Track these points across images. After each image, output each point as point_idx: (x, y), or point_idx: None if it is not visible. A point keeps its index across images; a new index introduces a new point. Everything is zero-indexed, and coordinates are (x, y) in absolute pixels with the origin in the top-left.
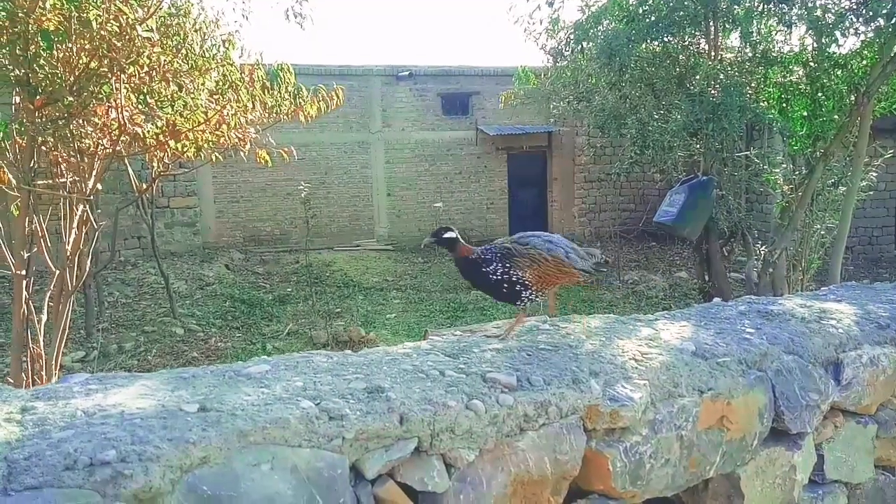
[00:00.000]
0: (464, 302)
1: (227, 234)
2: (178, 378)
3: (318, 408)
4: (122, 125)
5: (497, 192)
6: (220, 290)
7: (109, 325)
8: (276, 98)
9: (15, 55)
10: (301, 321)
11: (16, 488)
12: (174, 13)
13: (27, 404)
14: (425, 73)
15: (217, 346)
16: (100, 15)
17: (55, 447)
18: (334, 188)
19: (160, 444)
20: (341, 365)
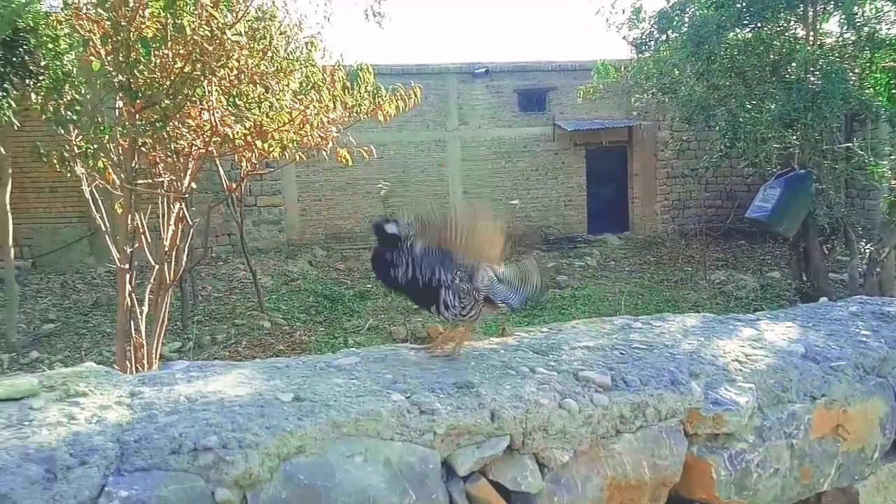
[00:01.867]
0: (541, 300)
1: (309, 232)
2: (273, 368)
3: (408, 401)
4: (214, 126)
5: (575, 189)
6: (304, 285)
7: (203, 318)
8: (356, 98)
9: (118, 62)
10: (380, 317)
11: (127, 469)
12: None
13: (135, 389)
14: (501, 70)
15: (301, 340)
16: (193, 21)
17: (162, 431)
18: (412, 186)
19: (259, 432)
20: (429, 359)
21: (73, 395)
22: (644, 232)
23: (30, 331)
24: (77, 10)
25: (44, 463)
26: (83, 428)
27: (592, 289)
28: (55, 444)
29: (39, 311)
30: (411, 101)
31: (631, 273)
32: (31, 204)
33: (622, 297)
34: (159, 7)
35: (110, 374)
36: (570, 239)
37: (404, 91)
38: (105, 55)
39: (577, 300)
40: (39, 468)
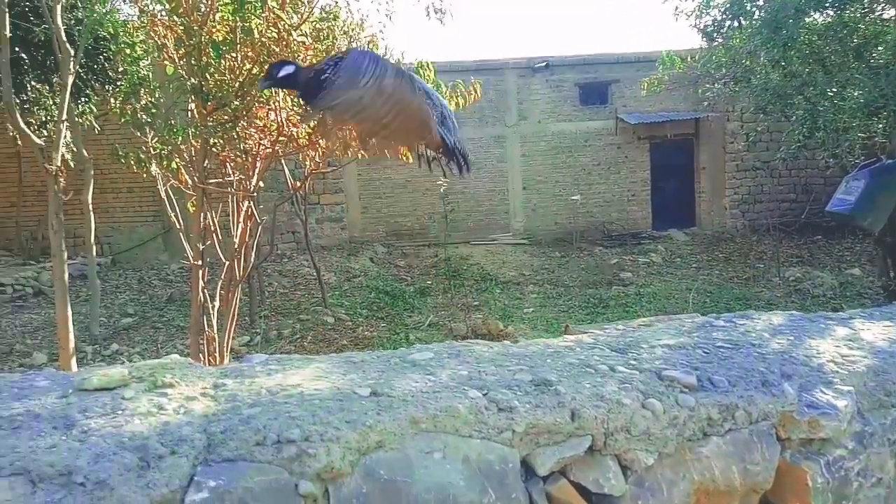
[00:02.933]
0: (605, 298)
1: (370, 229)
2: (349, 362)
3: (486, 398)
4: (281, 126)
5: (639, 184)
6: (366, 282)
7: (269, 313)
8: None
9: (191, 66)
10: (441, 313)
11: (214, 459)
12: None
13: (218, 381)
14: (562, 64)
15: (364, 335)
16: (260, 23)
17: (246, 423)
18: (471, 183)
19: (339, 426)
20: (503, 355)
21: (160, 385)
22: (712, 227)
23: (110, 324)
24: (153, 17)
25: (137, 451)
26: (172, 418)
27: (658, 286)
28: (147, 434)
29: (118, 305)
30: (471, 97)
31: (698, 270)
32: (110, 203)
33: (690, 294)
34: (228, 11)
35: (194, 366)
36: (634, 235)
37: (464, 87)
38: (178, 59)
39: (641, 297)
40: (133, 456)
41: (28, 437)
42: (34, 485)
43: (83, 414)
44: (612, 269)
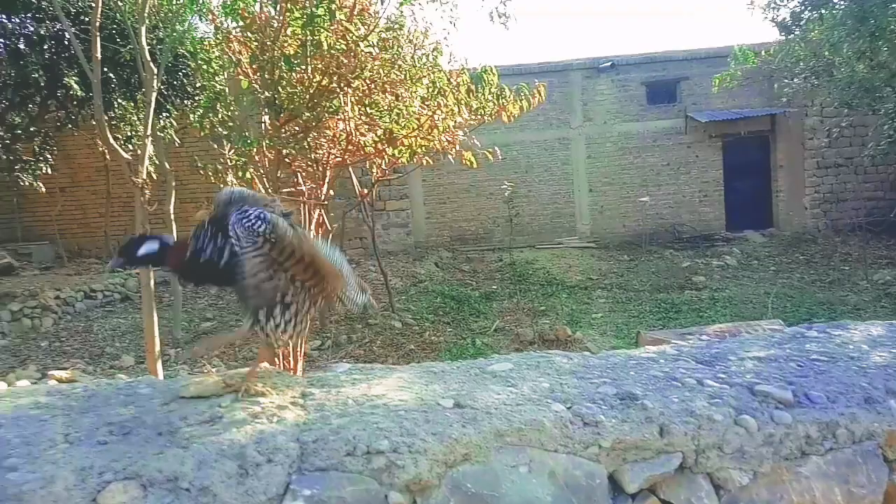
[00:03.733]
0: (677, 303)
1: (435, 234)
2: (429, 372)
3: (570, 412)
4: (349, 135)
5: (711, 184)
6: (431, 286)
7: (339, 318)
8: (480, 100)
9: (264, 80)
10: (507, 318)
11: (308, 468)
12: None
13: (306, 390)
14: (628, 63)
15: (431, 340)
16: (329, 36)
17: (336, 433)
18: (535, 186)
19: (426, 438)
20: (584, 367)
21: (253, 395)
22: (790, 228)
23: (191, 328)
24: (228, 34)
25: (236, 459)
26: (266, 427)
27: (733, 290)
28: (245, 442)
29: (198, 310)
30: (535, 99)
31: (777, 273)
32: (189, 213)
33: (769, 299)
34: (298, 26)
35: (282, 375)
36: (707, 237)
37: (528, 90)
38: (252, 74)
39: (716, 302)
40: (233, 464)
41: (137, 443)
42: (145, 489)
43: (184, 421)
44: (684, 273)
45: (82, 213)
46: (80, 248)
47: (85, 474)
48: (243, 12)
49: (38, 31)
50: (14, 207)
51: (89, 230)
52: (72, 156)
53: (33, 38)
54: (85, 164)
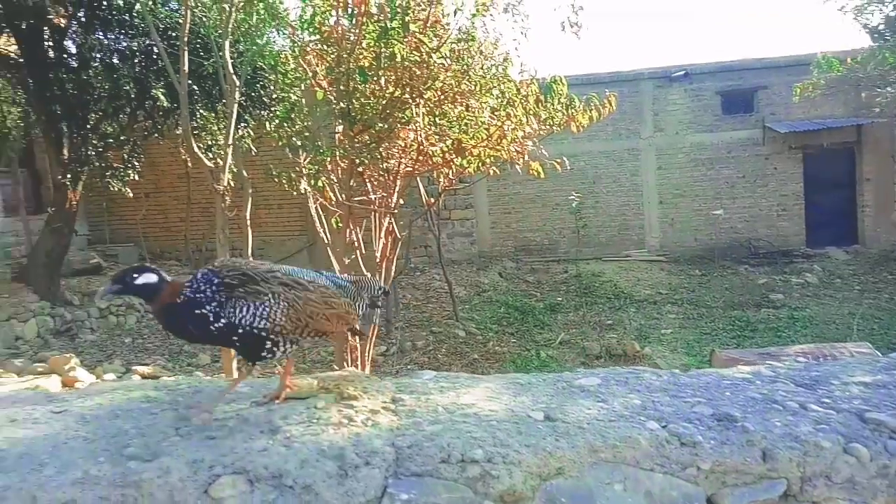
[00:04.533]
0: (752, 321)
1: (499, 244)
2: (515, 384)
3: (665, 431)
4: (420, 145)
5: (790, 197)
6: (495, 296)
7: (404, 325)
8: (548, 110)
9: (339, 91)
10: (572, 331)
11: (403, 473)
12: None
13: (396, 395)
14: (702, 72)
15: (494, 350)
16: (403, 48)
17: (430, 440)
18: (602, 197)
19: (519, 450)
20: (675, 385)
21: (346, 397)
22: (877, 245)
23: None
24: (304, 47)
25: (336, 460)
26: (362, 430)
27: (814, 310)
28: (343, 444)
29: None
30: (606, 109)
31: (862, 293)
32: (263, 219)
33: (854, 320)
34: (373, 38)
35: (370, 380)
36: (785, 253)
37: (598, 100)
38: (328, 86)
39: (795, 322)
40: (333, 464)
41: (242, 440)
42: (252, 484)
43: (284, 420)
44: (760, 290)
45: (164, 217)
46: (162, 250)
47: (196, 467)
48: (320, 26)
49: (130, 47)
50: (103, 211)
51: (170, 234)
52: (156, 163)
53: (126, 53)
54: (168, 172)
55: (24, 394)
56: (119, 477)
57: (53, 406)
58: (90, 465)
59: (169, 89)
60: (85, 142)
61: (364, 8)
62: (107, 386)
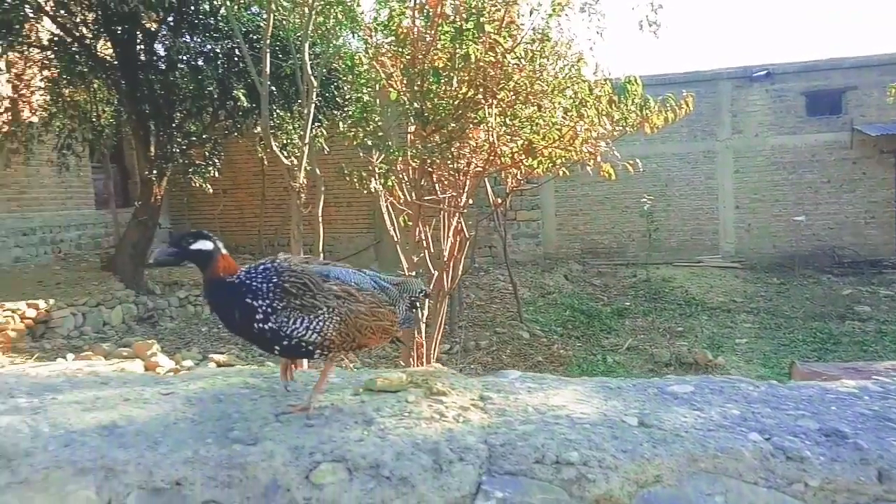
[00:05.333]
0: (835, 334)
1: (566, 246)
2: (604, 387)
3: (769, 443)
4: (492, 145)
5: (880, 204)
6: (560, 299)
7: (467, 324)
8: (622, 111)
9: (413, 91)
10: (640, 337)
11: (497, 471)
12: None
13: (483, 393)
14: (785, 72)
15: (559, 353)
16: (477, 48)
17: (523, 439)
18: (675, 200)
19: (616, 454)
20: (774, 397)
21: (435, 393)
22: None
23: None
24: (378, 49)
25: (430, 454)
26: (454, 426)
27: None
28: (436, 438)
29: None
30: (682, 110)
31: None
32: (332, 216)
33: None
34: (448, 39)
35: (457, 377)
36: (873, 263)
37: (675, 101)
38: (402, 86)
39: (884, 336)
40: (428, 458)
41: (338, 429)
42: (350, 473)
43: (377, 413)
44: (845, 301)
45: (240, 212)
46: (237, 244)
47: (298, 452)
48: (397, 28)
49: (214, 50)
50: (184, 206)
51: (245, 229)
52: (234, 161)
53: (210, 56)
54: (244, 169)
55: (131, 375)
56: (225, 458)
57: (161, 388)
58: (199, 446)
59: (249, 90)
60: (170, 139)
61: (439, 9)
62: (207, 371)
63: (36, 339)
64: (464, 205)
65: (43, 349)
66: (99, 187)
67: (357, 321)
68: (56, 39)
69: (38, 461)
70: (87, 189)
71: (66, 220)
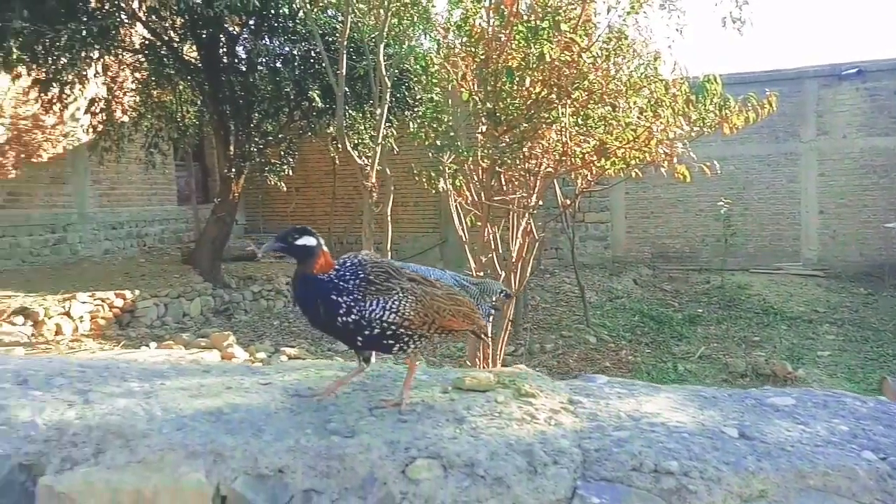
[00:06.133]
0: None
1: (635, 250)
2: (699, 396)
3: (886, 463)
4: (565, 146)
5: None
6: (629, 304)
7: (532, 326)
8: (699, 111)
9: (486, 91)
10: (713, 345)
11: (592, 477)
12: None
13: (572, 397)
14: (879, 69)
15: (627, 360)
16: (552, 48)
17: (619, 445)
18: (753, 204)
19: (718, 466)
20: (885, 413)
21: (524, 394)
22: None
23: None
24: (450, 49)
25: (524, 455)
26: (546, 428)
27: None
28: (529, 440)
29: None
30: (764, 110)
31: None
32: (400, 215)
33: None
34: (522, 38)
35: (543, 379)
36: None
37: (756, 100)
38: (474, 86)
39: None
40: (522, 459)
41: (431, 425)
42: (445, 470)
43: (468, 411)
44: None
45: (311, 210)
46: None
47: (394, 447)
48: (472, 28)
49: (292, 52)
50: (258, 203)
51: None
52: (306, 160)
53: (287, 58)
54: (316, 168)
55: (229, 364)
56: (324, 449)
57: (259, 378)
58: (300, 436)
59: (323, 91)
60: (248, 139)
61: (514, 8)
62: (300, 364)
63: (122, 327)
64: (534, 205)
65: (128, 337)
66: (181, 184)
67: (433, 303)
68: (147, 43)
69: (154, 443)
70: (170, 186)
71: (151, 215)
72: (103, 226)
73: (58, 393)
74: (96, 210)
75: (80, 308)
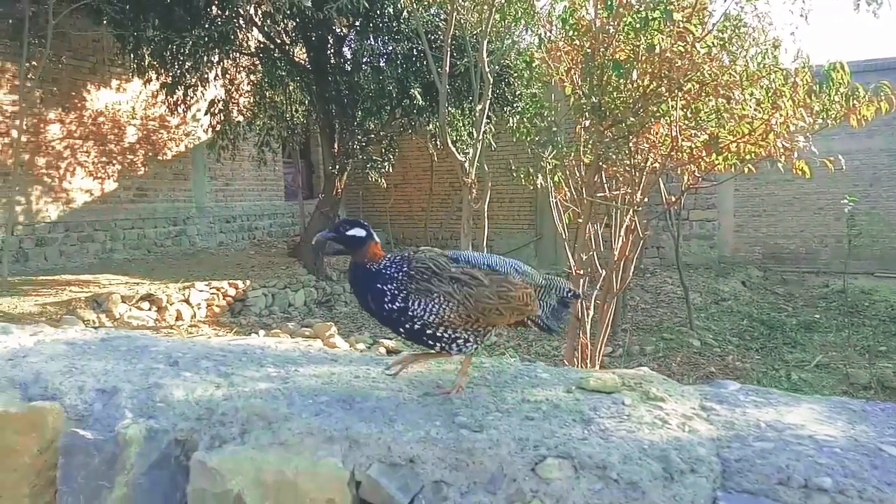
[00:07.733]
0: None
1: (744, 250)
2: (846, 409)
3: None
4: (674, 140)
5: None
6: (736, 307)
7: (630, 327)
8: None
9: (591, 85)
10: (832, 354)
11: (733, 488)
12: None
13: (704, 403)
14: None
15: (735, 366)
16: (663, 39)
17: (762, 457)
18: (882, 202)
19: (879, 486)
20: None
21: (652, 398)
22: None
23: None
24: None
25: (659, 461)
26: (680, 434)
27: None
28: (664, 445)
29: None
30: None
31: None
32: (495, 211)
33: None
34: (631, 29)
35: (670, 383)
36: None
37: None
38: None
39: None
40: (658, 465)
41: (558, 425)
42: (576, 470)
43: (595, 412)
44: None
45: (408, 206)
46: (405, 236)
47: (523, 444)
48: (579, 20)
49: (395, 51)
50: (359, 199)
51: (412, 221)
52: (405, 157)
53: (390, 56)
54: (414, 165)
55: (355, 354)
56: (453, 442)
57: (383, 368)
58: (429, 427)
59: (424, 89)
60: (352, 137)
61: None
62: (421, 356)
63: (234, 315)
64: (639, 202)
65: (240, 325)
66: (288, 180)
67: (479, 304)
68: (261, 46)
69: (294, 426)
70: (278, 182)
71: (261, 210)
72: (218, 219)
73: (205, 375)
74: (213, 205)
75: (198, 296)
